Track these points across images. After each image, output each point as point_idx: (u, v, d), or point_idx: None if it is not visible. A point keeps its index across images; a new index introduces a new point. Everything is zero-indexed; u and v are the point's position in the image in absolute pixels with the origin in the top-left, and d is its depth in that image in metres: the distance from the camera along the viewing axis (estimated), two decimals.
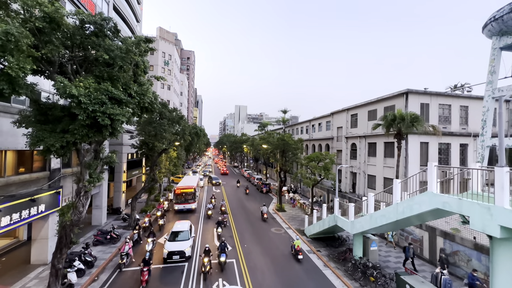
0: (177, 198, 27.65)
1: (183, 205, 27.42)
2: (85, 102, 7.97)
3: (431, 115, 22.40)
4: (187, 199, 27.69)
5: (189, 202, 27.63)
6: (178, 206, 27.44)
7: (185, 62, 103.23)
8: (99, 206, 22.50)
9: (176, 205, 27.55)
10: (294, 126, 50.67)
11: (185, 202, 27.51)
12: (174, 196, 28.37)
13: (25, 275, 13.75)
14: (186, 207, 27.48)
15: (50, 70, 9.28)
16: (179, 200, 27.58)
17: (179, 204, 27.46)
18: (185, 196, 27.76)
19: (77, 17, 9.06)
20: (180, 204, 27.43)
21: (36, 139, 8.47)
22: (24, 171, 13.81)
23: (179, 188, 28.07)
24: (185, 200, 27.61)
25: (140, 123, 22.25)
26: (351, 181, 29.90)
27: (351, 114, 30.41)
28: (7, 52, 6.65)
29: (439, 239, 15.76)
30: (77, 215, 11.06)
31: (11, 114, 12.21)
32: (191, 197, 27.90)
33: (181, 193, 27.84)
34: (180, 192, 27.85)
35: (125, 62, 9.56)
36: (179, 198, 27.62)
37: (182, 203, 27.47)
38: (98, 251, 17.05)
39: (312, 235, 20.50)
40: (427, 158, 21.93)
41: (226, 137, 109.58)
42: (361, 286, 13.71)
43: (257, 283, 13.86)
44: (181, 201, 27.55)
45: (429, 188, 10.03)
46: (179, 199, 27.59)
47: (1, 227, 11.24)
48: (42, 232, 15.12)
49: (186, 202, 27.54)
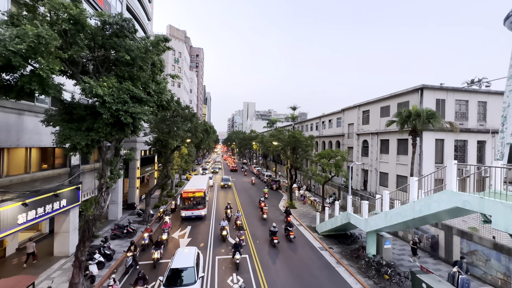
0: (185, 203, 23.98)
1: (191, 212, 23.69)
2: (109, 101, 8.26)
3: (447, 111, 21.86)
4: (196, 204, 24.12)
5: (198, 208, 23.98)
6: (185, 213, 23.63)
7: (194, 60, 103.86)
8: (115, 201, 23.19)
9: (183, 211, 23.68)
10: (303, 122, 50.39)
11: (193, 208, 23.90)
12: (181, 201, 24.73)
13: (49, 266, 14.43)
14: (194, 214, 23.78)
15: (73, 70, 9.62)
16: (187, 205, 23.92)
17: (187, 210, 23.71)
18: (193, 201, 24.11)
19: (99, 18, 9.32)
20: (188, 210, 23.73)
21: (63, 137, 8.85)
22: (47, 167, 14.39)
23: (186, 192, 24.21)
24: (194, 205, 24.01)
25: (152, 121, 22.70)
26: (362, 178, 29.63)
27: (363, 111, 30.00)
28: (38, 54, 6.95)
29: (455, 238, 15.50)
30: (99, 210, 11.51)
31: (35, 113, 12.72)
32: (201, 202, 24.31)
33: (189, 197, 24.08)
34: (188, 196, 24.05)
35: (145, 62, 9.80)
36: (186, 203, 23.95)
37: (190, 209, 23.81)
38: (115, 245, 17.65)
39: (324, 232, 20.53)
40: (443, 156, 21.49)
41: (235, 134, 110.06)
42: (375, 284, 13.70)
43: (270, 279, 14.05)
44: (189, 206, 23.89)
45: (448, 186, 9.88)
46: (187, 205, 23.95)
47: (28, 220, 11.79)
48: (64, 225, 15.76)
49: (195, 208, 23.93)
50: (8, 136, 11.10)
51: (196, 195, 24.16)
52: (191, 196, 24.09)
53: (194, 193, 24.11)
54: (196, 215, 23.89)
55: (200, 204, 24.22)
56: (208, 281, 13.82)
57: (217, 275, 14.47)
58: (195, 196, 24.14)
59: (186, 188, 25.63)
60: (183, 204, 24.07)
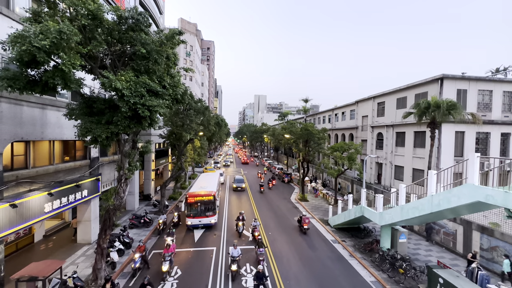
0: (191, 209, 19.90)
1: (198, 220, 19.72)
2: (127, 95, 8.48)
3: (469, 102, 20.86)
4: (204, 210, 20.04)
5: (207, 215, 19.94)
6: (191, 221, 19.65)
7: (205, 53, 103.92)
8: (132, 192, 24.03)
9: (189, 219, 19.65)
10: (315, 115, 49.68)
11: (201, 215, 19.86)
12: (186, 206, 20.16)
13: (73, 252, 15.29)
14: (203, 223, 19.83)
15: (92, 65, 9.90)
16: (193, 212, 19.86)
17: (193, 218, 19.71)
18: (201, 206, 20.00)
19: (116, 13, 9.47)
20: (195, 217, 19.71)
21: (85, 130, 9.22)
22: (68, 159, 15.07)
23: (192, 195, 20.08)
24: (202, 212, 19.94)
25: (166, 114, 23.10)
26: (376, 171, 29.07)
27: (378, 102, 29.15)
28: (60, 50, 7.20)
29: (475, 233, 15.04)
30: (118, 200, 11.99)
31: (57, 107, 13.25)
32: (210, 207, 20.18)
33: (196, 202, 19.93)
34: (195, 201, 19.91)
35: (160, 55, 9.93)
36: (193, 209, 19.90)
37: (197, 216, 19.77)
38: (133, 234, 18.39)
39: (336, 225, 20.48)
40: (463, 149, 20.66)
41: (246, 127, 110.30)
42: (389, 277, 13.60)
43: (283, 270, 14.25)
44: (195, 213, 19.82)
45: (470, 180, 9.55)
46: (193, 211, 19.89)
47: (54, 209, 12.49)
48: (86, 215, 16.56)
49: (203, 214, 19.88)
50: (33, 130, 11.67)
51: (204, 199, 20.07)
52: (199, 201, 20.00)
53: (202, 197, 20.10)
54: (204, 224, 19.93)
55: (209, 210, 20.09)
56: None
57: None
58: (204, 200, 20.05)
59: (193, 190, 21.35)
60: (189, 210, 19.88)
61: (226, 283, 12.86)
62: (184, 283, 12.70)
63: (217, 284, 12.81)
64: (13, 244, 14.74)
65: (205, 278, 13.23)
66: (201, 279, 13.17)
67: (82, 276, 12.56)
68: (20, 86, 8.07)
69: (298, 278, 13.43)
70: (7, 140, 10.17)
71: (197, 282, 12.90)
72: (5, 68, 8.21)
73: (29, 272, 9.71)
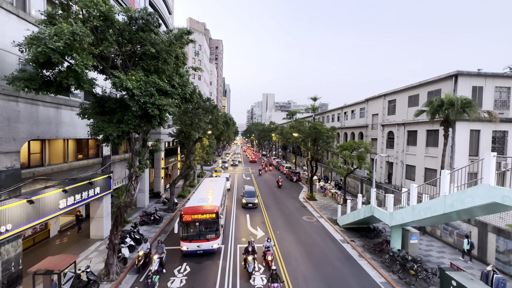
0: (187, 230, 15.28)
1: (197, 244, 15.08)
2: (137, 94, 8.66)
3: (485, 99, 20.14)
4: (205, 232, 15.38)
5: (207, 238, 15.23)
6: (188, 246, 15.05)
7: (214, 52, 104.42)
8: (142, 190, 24.52)
9: (185, 243, 15.04)
10: (324, 113, 49.14)
11: (200, 238, 15.18)
12: (181, 227, 15.33)
13: (86, 247, 15.77)
14: (202, 248, 15.17)
15: (104, 65, 10.14)
16: (190, 233, 15.25)
17: (190, 242, 15.07)
18: (200, 226, 15.33)
19: (126, 14, 9.65)
20: (192, 241, 15.07)
21: (97, 129, 9.48)
22: (82, 157, 15.51)
23: (189, 212, 15.43)
24: (201, 234, 15.26)
25: (175, 113, 23.41)
26: (386, 171, 28.53)
27: (389, 100, 28.56)
28: (73, 51, 7.41)
29: (490, 235, 14.54)
30: (129, 197, 12.27)
31: (70, 106, 13.65)
32: (212, 227, 15.46)
33: (194, 220, 15.31)
34: (192, 220, 15.29)
35: (169, 55, 10.06)
36: (190, 230, 15.30)
37: (195, 239, 15.12)
38: (144, 230, 18.79)
39: (345, 225, 20.24)
40: (478, 148, 19.98)
41: (254, 126, 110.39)
42: (399, 278, 13.35)
43: (291, 269, 14.21)
44: (192, 236, 15.16)
45: (485, 180, 9.22)
46: (190, 232, 15.28)
47: (68, 206, 12.91)
48: (98, 211, 17.03)
49: (203, 237, 15.21)
50: (48, 129, 12.07)
51: (204, 218, 15.36)
52: (197, 219, 15.30)
53: (202, 215, 15.38)
54: (204, 250, 15.23)
55: (211, 232, 15.38)
56: None
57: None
58: (204, 219, 15.36)
59: (190, 204, 16.70)
60: (184, 231, 15.25)
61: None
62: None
63: None
64: (30, 238, 15.34)
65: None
66: None
67: (95, 270, 12.95)
68: (36, 87, 8.39)
69: (306, 278, 13.37)
70: (24, 138, 10.56)
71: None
72: (22, 69, 8.53)
73: (45, 266, 10.08)
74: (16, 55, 10.13)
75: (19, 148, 10.31)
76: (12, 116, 9.97)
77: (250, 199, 25.52)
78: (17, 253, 10.23)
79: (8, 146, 9.82)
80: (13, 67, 9.94)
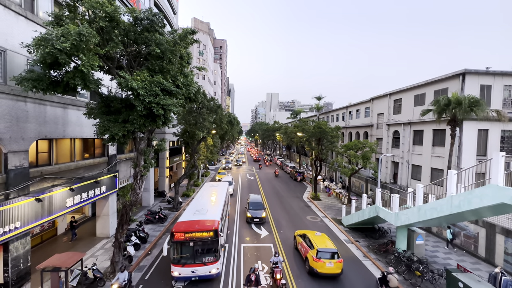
0: (179, 252, 12.39)
1: (191, 269, 12.14)
2: (142, 94, 8.74)
3: (494, 98, 19.77)
4: (201, 253, 12.51)
5: (204, 262, 12.30)
6: (180, 271, 12.12)
7: (218, 51, 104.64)
8: (148, 189, 24.74)
9: (176, 267, 12.13)
10: (328, 113, 48.87)
11: (195, 261, 12.26)
12: (171, 248, 12.26)
13: (93, 245, 16.00)
14: (197, 274, 12.21)
15: (110, 65, 10.25)
16: (183, 255, 12.32)
17: (183, 266, 12.14)
18: (195, 246, 12.38)
19: (131, 14, 9.74)
20: (185, 265, 12.15)
21: (103, 129, 9.61)
22: (88, 156, 15.73)
23: (181, 230, 12.40)
24: (196, 256, 12.33)
25: (180, 112, 23.54)
26: (392, 171, 28.24)
27: (394, 99, 28.26)
28: (80, 51, 7.52)
29: (499, 236, 14.28)
30: (134, 196, 12.39)
31: (77, 106, 13.85)
32: (210, 248, 12.57)
33: (188, 240, 12.28)
34: (186, 239, 12.27)
35: (174, 55, 10.13)
36: (183, 251, 12.41)
37: (189, 263, 12.21)
38: (149, 229, 18.96)
39: (350, 225, 20.11)
40: (486, 148, 19.62)
41: (258, 125, 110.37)
42: (405, 279, 13.22)
43: (295, 269, 14.18)
44: (186, 259, 12.29)
45: (493, 181, 9.05)
46: (183, 253, 12.37)
47: (75, 204, 13.10)
48: (104, 209, 17.25)
49: (198, 261, 12.29)
50: (56, 128, 12.27)
51: (201, 236, 12.30)
52: (192, 238, 12.22)
53: (197, 233, 12.31)
54: (200, 277, 12.32)
55: (208, 254, 12.49)
56: None
57: None
58: (200, 238, 12.29)
59: (184, 218, 13.73)
60: (176, 252, 12.30)
61: None
62: None
63: None
64: (38, 236, 15.63)
65: None
66: None
67: (101, 268, 13.13)
68: (43, 87, 8.53)
69: (310, 278, 13.33)
70: (32, 138, 10.76)
71: None
72: (30, 70, 8.68)
73: (53, 263, 10.27)
74: (24, 56, 10.32)
75: (27, 147, 10.50)
76: (20, 116, 10.16)
77: (256, 213, 20.58)
78: (25, 250, 10.44)
79: (17, 145, 10.02)
80: (21, 68, 10.14)
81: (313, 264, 13.13)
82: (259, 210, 20.96)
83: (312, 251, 13.47)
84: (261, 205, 21.62)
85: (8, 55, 9.66)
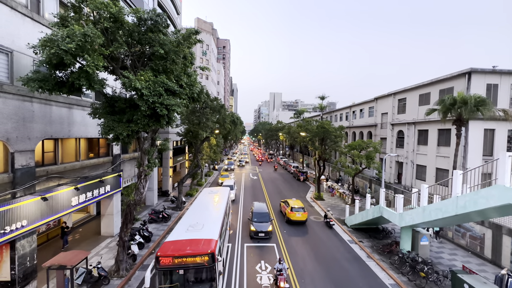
0: (167, 280, 9.79)
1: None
2: (146, 94, 8.80)
3: (500, 97, 19.46)
4: (194, 283, 10.07)
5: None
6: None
7: (221, 51, 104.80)
8: (151, 188, 24.91)
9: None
10: (332, 112, 48.61)
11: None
12: (157, 275, 9.51)
13: (97, 244, 16.16)
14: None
15: (114, 66, 10.34)
16: (172, 285, 9.73)
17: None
18: (186, 274, 9.87)
19: (135, 15, 9.81)
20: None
21: (107, 128, 9.69)
22: (93, 156, 15.87)
23: (169, 253, 9.58)
24: (188, 286, 9.89)
25: (184, 112, 23.64)
26: (396, 171, 27.99)
27: (399, 99, 27.99)
28: (85, 52, 7.60)
29: (505, 238, 14.08)
30: (138, 195, 12.49)
31: (82, 106, 13.99)
32: (204, 277, 10.19)
33: (177, 266, 9.52)
34: (173, 265, 9.48)
35: (177, 55, 10.17)
36: (171, 280, 9.87)
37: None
38: (153, 228, 19.08)
39: (353, 225, 20.01)
40: (492, 147, 19.34)
41: (261, 125, 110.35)
42: (409, 280, 13.11)
43: (298, 269, 14.16)
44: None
45: (500, 181, 8.92)
46: (172, 283, 9.80)
47: (80, 203, 13.24)
48: (109, 209, 17.40)
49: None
50: (61, 128, 12.41)
51: (193, 262, 9.64)
52: (182, 264, 9.56)
53: (188, 258, 9.59)
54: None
55: (202, 283, 10.11)
56: None
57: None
58: (193, 264, 9.65)
59: (174, 237, 10.94)
60: (163, 281, 9.66)
61: None
62: None
63: None
64: (44, 234, 15.84)
65: None
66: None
67: (106, 266, 13.25)
68: (49, 87, 8.64)
69: (313, 278, 13.30)
70: (38, 137, 10.90)
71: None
72: (36, 71, 8.79)
73: (58, 261, 10.40)
74: (30, 57, 10.46)
75: (33, 147, 10.64)
76: (27, 116, 10.30)
77: (260, 226, 17.56)
78: (32, 248, 10.59)
79: (23, 145, 10.16)
80: (27, 69, 10.27)
81: (289, 215, 20.80)
82: (264, 222, 17.90)
83: (288, 208, 21.19)
84: (267, 216, 18.40)
85: (15, 56, 9.79)
